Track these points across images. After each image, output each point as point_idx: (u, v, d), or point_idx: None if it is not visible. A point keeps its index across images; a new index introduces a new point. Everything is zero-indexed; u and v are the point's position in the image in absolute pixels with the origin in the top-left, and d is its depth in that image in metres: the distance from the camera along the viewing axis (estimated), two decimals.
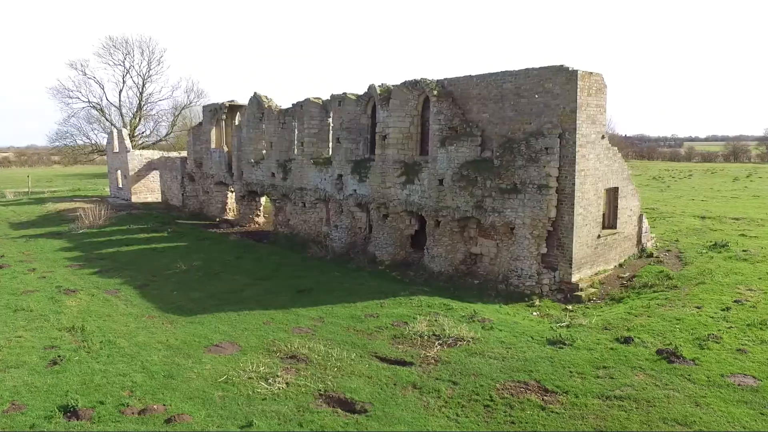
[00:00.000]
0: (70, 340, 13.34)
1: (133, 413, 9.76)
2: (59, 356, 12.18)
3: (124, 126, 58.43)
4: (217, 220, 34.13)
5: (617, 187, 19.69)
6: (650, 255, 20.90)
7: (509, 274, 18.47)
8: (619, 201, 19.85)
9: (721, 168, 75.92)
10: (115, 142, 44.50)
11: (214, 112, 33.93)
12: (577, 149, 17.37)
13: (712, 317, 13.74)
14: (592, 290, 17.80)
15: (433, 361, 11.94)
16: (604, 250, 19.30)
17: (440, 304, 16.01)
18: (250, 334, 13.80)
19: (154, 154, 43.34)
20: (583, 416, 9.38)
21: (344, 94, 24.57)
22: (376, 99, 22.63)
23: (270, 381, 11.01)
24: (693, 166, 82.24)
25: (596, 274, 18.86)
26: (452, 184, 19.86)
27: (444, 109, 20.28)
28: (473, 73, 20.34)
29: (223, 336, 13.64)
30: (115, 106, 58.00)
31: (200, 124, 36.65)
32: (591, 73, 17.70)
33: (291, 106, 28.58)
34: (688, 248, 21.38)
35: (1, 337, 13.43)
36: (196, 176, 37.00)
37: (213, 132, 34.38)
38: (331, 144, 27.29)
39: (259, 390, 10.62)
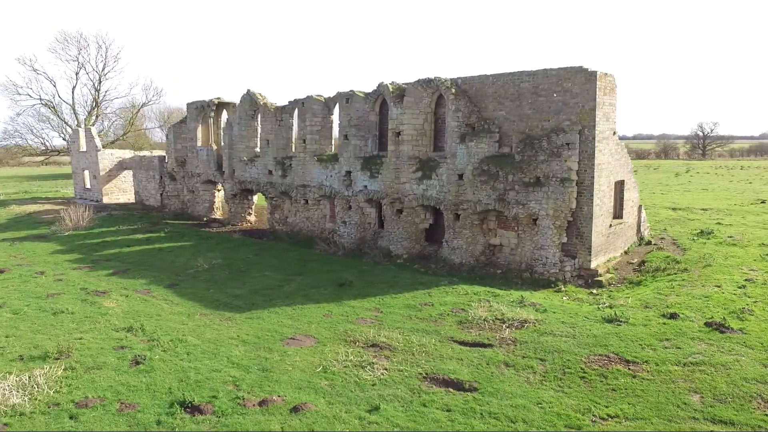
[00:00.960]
0: (137, 340, 13.09)
1: (253, 405, 9.90)
2: (138, 356, 11.98)
3: (78, 125, 55.52)
4: (205, 219, 33.43)
5: (623, 180, 21.29)
6: (648, 242, 22.73)
7: (533, 263, 19.59)
8: (624, 193, 21.47)
9: (656, 165, 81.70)
10: (81, 141, 42.36)
11: (200, 109, 33.18)
12: (595, 144, 18.72)
13: (734, 294, 15.36)
14: (609, 275, 19.23)
15: (510, 341, 12.72)
16: (614, 239, 20.83)
17: (484, 291, 16.85)
18: (318, 326, 14.06)
19: (126, 154, 41.64)
20: (673, 380, 10.47)
21: (351, 91, 24.93)
22: (388, 96, 23.15)
23: (368, 368, 11.41)
24: (633, 162, 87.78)
25: (608, 260, 20.35)
26: (473, 179, 20.74)
27: (462, 106, 21.13)
28: (488, 73, 21.31)
29: (292, 329, 13.81)
30: (68, 104, 54.89)
31: (182, 121, 35.67)
32: (606, 73, 19.10)
33: (288, 103, 28.57)
34: (679, 236, 23.39)
35: (61, 340, 12.98)
36: (177, 175, 35.99)
37: (199, 130, 33.60)
38: (334, 141, 27.57)
39: (364, 377, 11.00)
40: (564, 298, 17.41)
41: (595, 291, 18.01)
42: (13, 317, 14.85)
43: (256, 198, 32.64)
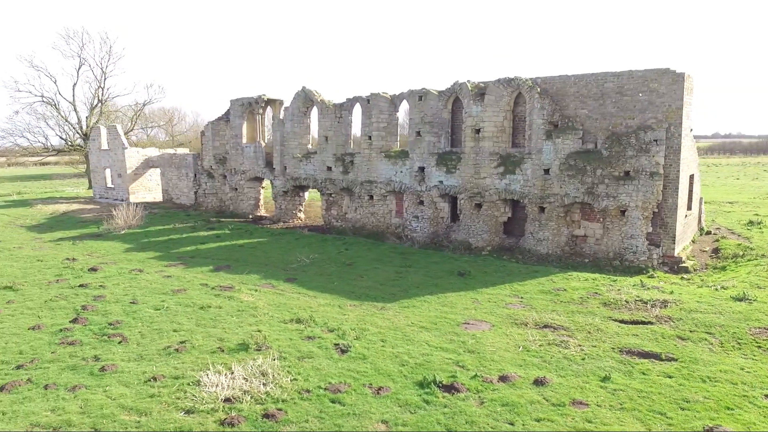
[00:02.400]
0: (319, 330, 13.57)
1: (496, 381, 10.68)
2: (336, 344, 12.47)
3: (79, 123, 53.94)
4: (251, 216, 33.52)
5: (693, 174, 23.00)
6: (708, 232, 24.58)
7: (623, 251, 20.98)
8: (693, 186, 23.19)
9: None
10: (103, 139, 41.42)
11: (246, 106, 33.22)
12: (681, 141, 20.27)
13: None
14: (691, 262, 20.83)
15: (666, 319, 13.96)
16: (686, 229, 22.50)
17: (601, 277, 18.13)
18: (479, 312, 14.93)
19: (152, 151, 41.01)
20: None
21: (424, 89, 25.75)
22: (466, 94, 24.12)
23: (562, 346, 12.40)
24: None
25: (683, 249, 21.99)
26: (560, 173, 21.98)
27: (546, 105, 22.32)
28: (569, 73, 22.58)
29: (460, 316, 14.60)
30: (69, 101, 53.21)
31: (220, 119, 35.55)
32: (689, 75, 20.67)
33: (346, 100, 29.12)
34: (731, 226, 25.37)
35: (240, 332, 13.36)
36: (216, 173, 35.86)
37: (244, 126, 33.64)
38: (399, 138, 28.32)
39: (568, 353, 11.98)
40: (661, 283, 18.84)
41: (685, 276, 19.53)
42: (157, 313, 14.91)
43: (308, 194, 32.97)
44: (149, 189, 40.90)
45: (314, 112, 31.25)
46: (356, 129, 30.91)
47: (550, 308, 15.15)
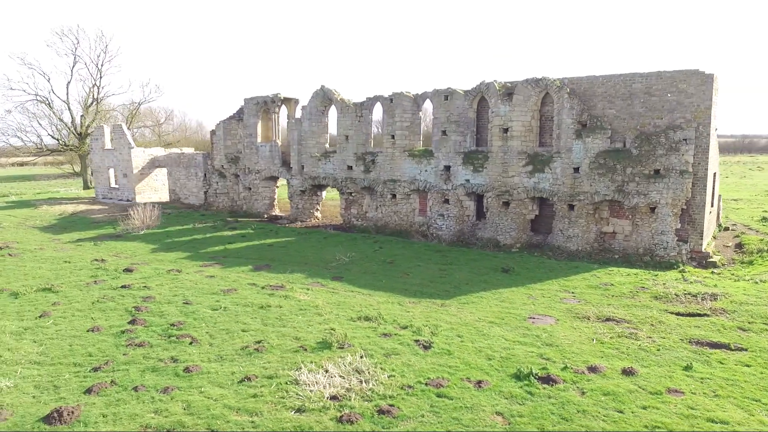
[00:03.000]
0: (388, 328, 13.65)
1: (586, 371, 10.98)
2: (416, 341, 12.60)
3: (72, 122, 52.82)
4: (266, 216, 33.38)
5: (715, 172, 23.75)
6: (726, 228, 25.40)
7: (654, 247, 21.57)
8: (715, 183, 23.94)
9: None
10: (106, 138, 40.70)
11: (261, 105, 33.04)
12: (710, 140, 20.94)
13: None
14: (718, 257, 21.54)
15: (720, 311, 14.47)
16: (709, 225, 23.24)
17: (641, 272, 18.70)
18: (538, 306, 15.25)
19: (158, 151, 40.45)
20: None
21: (450, 88, 26.02)
22: (493, 94, 24.47)
23: (633, 338, 12.79)
24: None
25: (707, 244, 22.71)
26: (590, 172, 22.48)
27: (575, 105, 22.80)
28: (597, 74, 23.10)
29: (524, 311, 14.90)
30: (63, 100, 52.06)
31: (231, 117, 35.30)
32: (716, 75, 21.35)
33: (366, 99, 29.24)
34: (746, 222, 26.25)
35: (313, 331, 13.43)
36: (228, 172, 35.59)
37: (259, 126, 33.46)
38: (422, 137, 28.54)
39: (643, 344, 12.36)
40: (694, 277, 19.47)
41: (715, 270, 20.19)
42: (216, 313, 14.75)
43: (325, 194, 32.96)
44: (155, 189, 40.34)
45: (331, 111, 31.28)
46: (373, 128, 31.01)
47: (605, 302, 15.55)
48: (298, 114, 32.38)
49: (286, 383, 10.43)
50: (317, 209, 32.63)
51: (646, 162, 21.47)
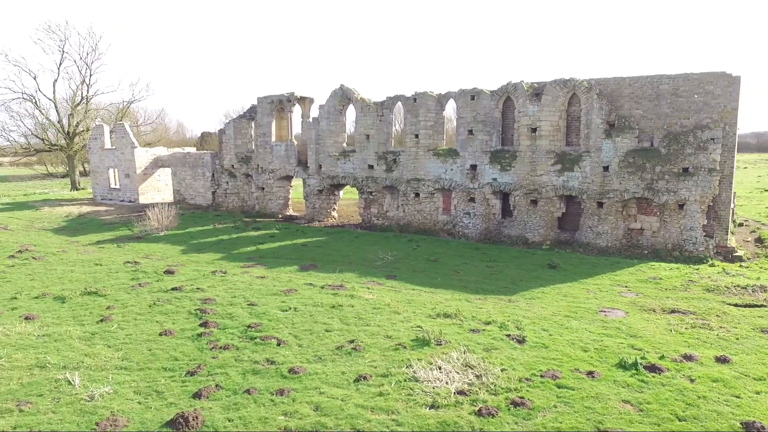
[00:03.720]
0: (473, 324, 13.84)
1: (680, 360, 11.46)
2: (507, 335, 12.71)
3: (60, 121, 51.14)
4: (280, 216, 33.14)
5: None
6: (741, 224, 26.55)
7: (683, 243, 22.40)
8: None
9: None
10: (106, 138, 39.60)
11: (275, 104, 32.75)
12: (735, 139, 21.90)
13: None
14: (742, 251, 22.55)
15: None
16: (728, 220, 24.26)
17: (683, 267, 19.48)
18: (602, 300, 15.72)
19: (160, 151, 39.58)
20: None
21: (475, 88, 26.40)
22: (521, 94, 24.97)
23: (706, 328, 13.35)
24: None
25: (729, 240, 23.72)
26: (619, 170, 23.18)
27: (604, 105, 23.48)
28: (624, 75, 23.83)
29: (587, 304, 15.34)
30: (49, 99, 50.33)
31: (242, 116, 34.88)
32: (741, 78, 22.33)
33: (386, 98, 29.38)
34: (756, 217, 27.48)
35: (401, 328, 13.53)
36: (238, 172, 35.15)
37: (273, 125, 33.16)
38: (446, 136, 28.83)
39: (720, 334, 12.92)
40: (726, 270, 20.36)
41: (743, 264, 21.15)
42: (287, 314, 14.42)
43: (342, 193, 32.91)
44: (158, 189, 39.48)
45: (349, 110, 31.29)
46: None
47: (662, 295, 16.15)
48: (313, 113, 32.28)
49: (405, 380, 10.51)
50: (334, 209, 32.56)
51: (675, 160, 22.29)
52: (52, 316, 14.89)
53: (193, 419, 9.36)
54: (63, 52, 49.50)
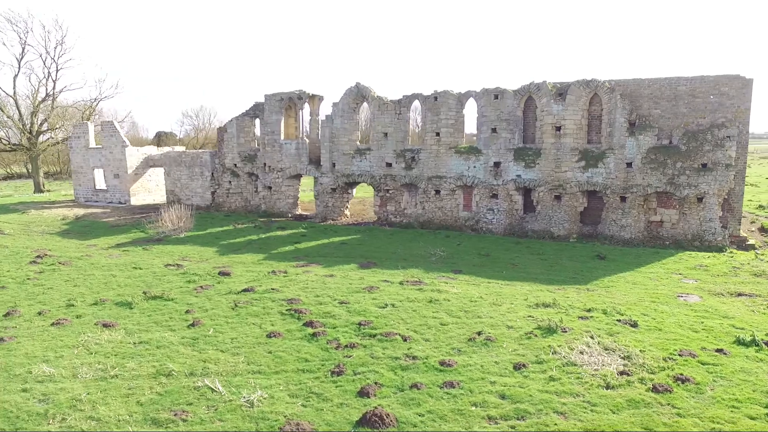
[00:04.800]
0: (576, 312, 14.39)
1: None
2: (618, 320, 13.45)
3: (21, 119, 47.73)
4: (290, 216, 32.62)
5: None
6: (743, 216, 28.73)
7: (702, 233, 24.05)
8: None
9: None
10: (90, 136, 37.40)
11: (285, 101, 32.18)
12: (748, 137, 23.80)
13: None
14: (753, 240, 24.52)
15: None
16: (740, 212, 26.28)
17: (717, 255, 21.03)
18: (667, 287, 16.74)
19: (151, 150, 37.85)
20: None
21: (498, 88, 27.15)
22: (545, 94, 25.95)
23: None
24: None
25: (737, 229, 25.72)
26: (642, 166, 24.59)
27: (626, 105, 24.83)
28: (642, 77, 25.31)
29: (662, 290, 16.30)
30: (8, 94, 46.86)
31: (245, 114, 34.02)
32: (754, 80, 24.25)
33: (403, 97, 29.65)
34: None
35: (513, 318, 13.89)
36: (241, 171, 34.25)
37: (282, 123, 32.56)
38: (466, 134, 29.41)
39: None
40: (744, 258, 22.10)
41: (758, 252, 23.04)
42: (387, 310, 14.32)
43: (355, 192, 32.78)
44: (149, 190, 37.75)
45: (363, 108, 31.23)
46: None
47: (718, 281, 17.40)
48: (322, 111, 32.02)
49: (564, 366, 10.88)
50: (347, 207, 32.40)
51: (694, 157, 23.92)
52: (131, 323, 14.16)
53: (386, 416, 9.24)
54: (25, 44, 46.23)
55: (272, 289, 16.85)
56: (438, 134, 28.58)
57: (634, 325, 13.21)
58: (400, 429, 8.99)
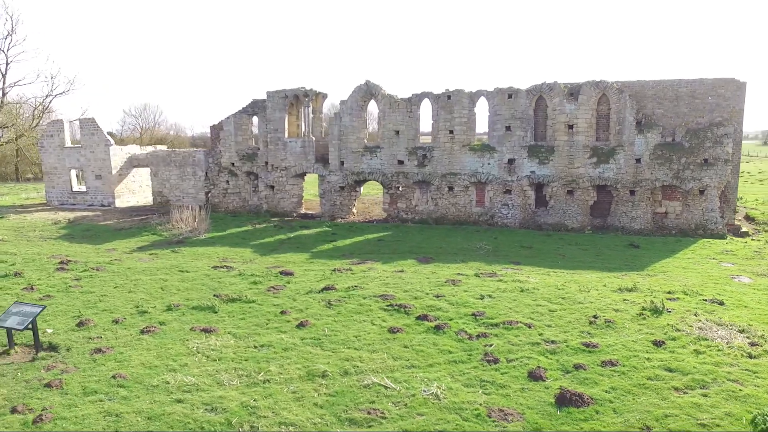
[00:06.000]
0: (660, 295, 15.41)
1: None
2: (704, 300, 14.54)
3: None
4: (295, 215, 32.03)
5: None
6: None
7: (705, 222, 26.16)
8: None
9: None
10: (66, 135, 34.76)
11: (290, 98, 31.53)
12: (741, 135, 26.21)
13: None
14: (745, 228, 27.00)
15: None
16: (735, 202, 28.79)
17: (730, 241, 22.99)
18: (712, 271, 18.23)
19: (134, 149, 35.73)
20: None
21: (512, 87, 28.14)
22: (557, 93, 27.24)
23: None
24: None
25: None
26: (650, 162, 26.40)
27: (634, 105, 26.58)
28: (646, 79, 27.18)
29: (711, 273, 17.70)
30: None
31: (242, 112, 33.00)
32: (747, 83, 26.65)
33: (412, 95, 30.02)
34: None
35: (606, 302, 14.63)
36: (239, 170, 33.18)
37: (286, 120, 31.87)
38: (480, 131, 30.16)
39: None
40: (763, 242, 24.35)
41: (753, 237, 25.45)
42: (490, 301, 14.62)
43: (362, 189, 32.64)
44: (132, 191, 35.64)
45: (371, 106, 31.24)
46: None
47: (752, 263, 19.14)
48: (327, 109, 31.67)
49: (698, 340, 11.70)
50: (354, 205, 32.23)
51: (697, 153, 26.00)
52: (230, 327, 13.54)
53: (580, 395, 9.54)
54: None
55: (354, 286, 16.55)
56: (452, 132, 29.16)
57: (721, 303, 14.34)
58: (599, 405, 9.37)
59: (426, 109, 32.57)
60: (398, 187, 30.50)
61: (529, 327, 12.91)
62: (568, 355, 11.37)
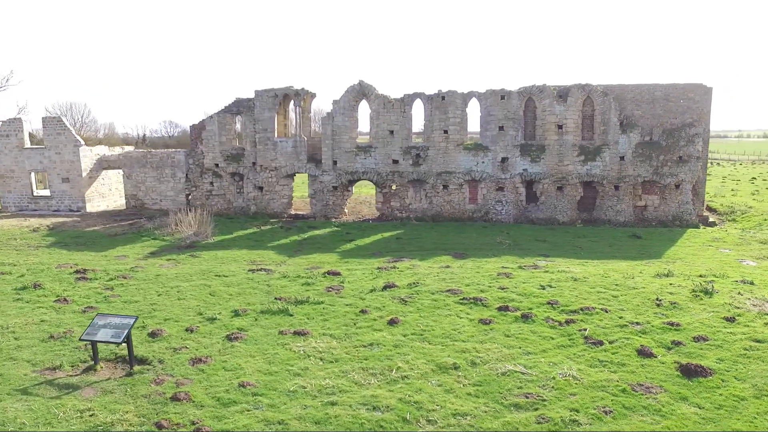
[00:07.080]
0: (694, 280, 16.89)
1: None
2: (736, 281, 16.29)
3: None
4: (285, 216, 31.47)
5: None
6: None
7: (681, 214, 28.63)
8: None
9: None
10: (25, 135, 31.91)
11: (279, 97, 30.91)
12: (709, 135, 28.98)
13: None
14: (713, 218, 29.87)
15: None
16: (704, 195, 31.63)
17: (715, 230, 25.31)
18: (719, 255, 20.17)
19: (102, 150, 33.42)
20: None
21: (504, 89, 29.37)
22: (547, 95, 28.81)
23: None
24: None
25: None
26: (633, 159, 28.56)
27: (617, 107, 28.64)
28: (626, 83, 29.36)
29: (720, 258, 19.58)
30: None
31: (226, 111, 31.94)
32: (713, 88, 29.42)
33: (404, 95, 30.54)
34: None
35: (658, 286, 15.89)
36: (224, 172, 32.08)
37: (275, 120, 31.20)
38: (470, 131, 31.11)
39: None
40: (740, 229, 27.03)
41: (722, 227, 28.25)
42: (551, 291, 15.26)
43: (353, 189, 32.56)
44: (102, 195, 33.36)
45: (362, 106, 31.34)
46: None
47: (745, 248, 21.34)
48: (316, 108, 31.39)
49: (762, 315, 13.07)
50: (346, 205, 32.14)
51: (673, 151, 28.47)
52: (318, 328, 13.29)
53: (700, 367, 10.50)
54: None
55: (414, 283, 16.63)
56: (446, 132, 29.92)
57: (752, 283, 16.01)
58: (720, 375, 10.32)
59: (417, 110, 33.10)
60: (392, 186, 30.82)
61: (606, 312, 13.79)
62: (658, 333, 12.33)
